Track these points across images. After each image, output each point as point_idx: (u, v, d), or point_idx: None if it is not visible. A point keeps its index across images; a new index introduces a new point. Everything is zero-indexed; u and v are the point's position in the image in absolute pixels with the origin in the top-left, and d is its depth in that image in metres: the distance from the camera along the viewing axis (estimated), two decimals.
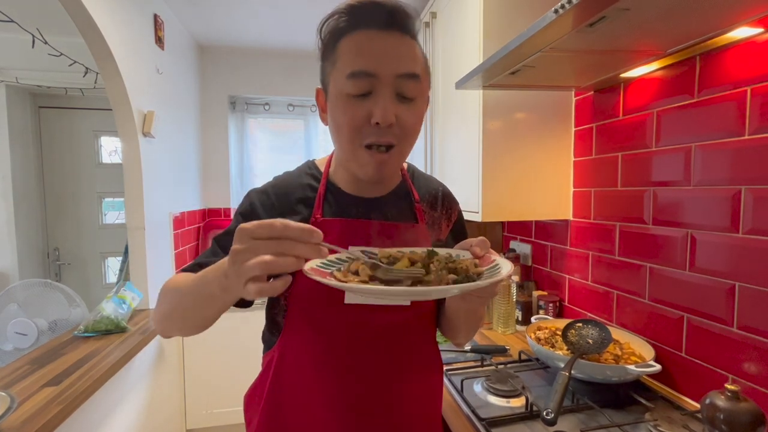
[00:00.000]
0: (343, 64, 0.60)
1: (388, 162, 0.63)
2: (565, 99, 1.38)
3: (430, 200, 0.78)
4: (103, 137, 3.02)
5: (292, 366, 0.68)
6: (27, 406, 1.01)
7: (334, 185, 0.72)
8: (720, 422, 0.73)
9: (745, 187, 0.86)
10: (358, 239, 0.67)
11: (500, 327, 1.49)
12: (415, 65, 0.61)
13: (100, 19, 1.51)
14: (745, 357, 0.87)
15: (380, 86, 0.59)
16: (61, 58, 2.08)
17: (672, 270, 1.04)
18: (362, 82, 0.58)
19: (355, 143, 0.61)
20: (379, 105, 0.58)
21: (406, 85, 0.60)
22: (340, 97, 0.60)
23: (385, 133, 0.60)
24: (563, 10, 0.67)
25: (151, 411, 1.77)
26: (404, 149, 0.65)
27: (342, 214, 0.70)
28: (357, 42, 0.60)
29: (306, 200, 0.71)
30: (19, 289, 1.67)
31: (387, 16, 0.60)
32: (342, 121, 0.61)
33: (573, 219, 1.41)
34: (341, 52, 0.61)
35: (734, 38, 0.85)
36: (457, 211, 0.83)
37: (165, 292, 0.63)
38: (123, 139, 1.78)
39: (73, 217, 2.98)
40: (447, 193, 0.83)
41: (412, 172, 0.81)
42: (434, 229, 0.77)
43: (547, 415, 0.78)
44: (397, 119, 0.60)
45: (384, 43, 0.59)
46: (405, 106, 0.61)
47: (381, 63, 0.58)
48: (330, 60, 0.62)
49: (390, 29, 0.60)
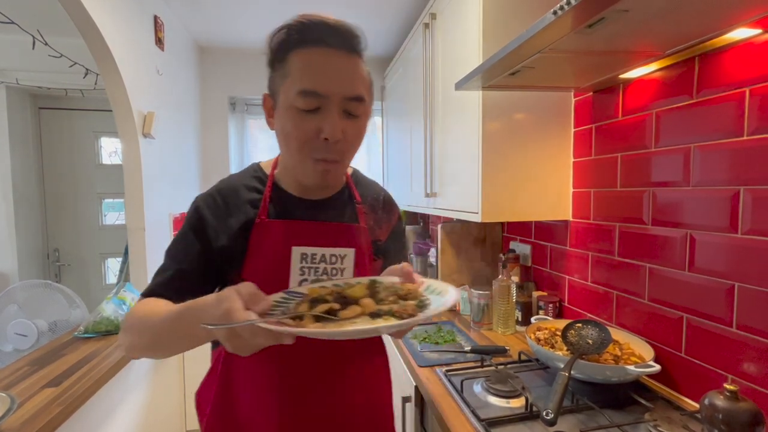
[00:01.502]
0: (294, 80, 0.63)
1: (332, 172, 0.68)
2: (565, 100, 1.39)
3: (372, 203, 0.83)
4: (103, 138, 3.02)
5: (237, 358, 0.69)
6: (27, 407, 1.01)
7: (280, 188, 0.76)
8: (719, 422, 0.73)
9: (744, 187, 0.86)
10: (302, 239, 0.72)
11: (500, 327, 1.49)
12: (361, 87, 0.66)
13: (101, 20, 1.52)
14: (744, 357, 0.87)
15: (329, 105, 0.63)
16: (62, 59, 2.08)
17: (671, 270, 1.04)
18: (312, 100, 0.62)
19: (304, 154, 0.66)
20: (328, 122, 0.63)
21: (353, 105, 0.65)
22: (291, 109, 0.64)
23: (332, 149, 0.65)
24: (562, 12, 0.68)
25: (151, 412, 1.77)
26: (347, 161, 0.70)
27: (287, 215, 0.73)
28: (308, 60, 0.63)
29: (252, 202, 0.74)
30: (19, 290, 1.67)
31: (336, 35, 0.63)
32: (291, 133, 0.65)
33: (572, 219, 1.41)
34: (292, 66, 0.64)
35: (733, 39, 0.85)
36: (398, 214, 0.88)
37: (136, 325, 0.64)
38: (123, 140, 1.78)
39: (73, 218, 2.98)
40: (388, 198, 0.88)
41: (356, 177, 0.85)
42: (375, 230, 0.81)
43: (546, 415, 0.78)
44: (344, 134, 0.65)
45: (333, 65, 0.63)
46: (351, 122, 0.66)
47: (330, 85, 0.62)
48: (280, 72, 0.66)
49: (338, 48, 0.64)
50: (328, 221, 0.75)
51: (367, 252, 0.77)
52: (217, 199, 0.73)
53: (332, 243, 0.73)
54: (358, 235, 0.76)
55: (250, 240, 0.70)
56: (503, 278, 1.49)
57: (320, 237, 0.73)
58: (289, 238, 0.71)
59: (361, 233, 0.77)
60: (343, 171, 0.73)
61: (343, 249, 0.74)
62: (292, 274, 0.70)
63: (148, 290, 0.70)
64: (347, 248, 0.74)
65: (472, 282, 1.85)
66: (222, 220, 0.72)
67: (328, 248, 0.73)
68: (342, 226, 0.76)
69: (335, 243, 0.73)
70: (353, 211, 0.79)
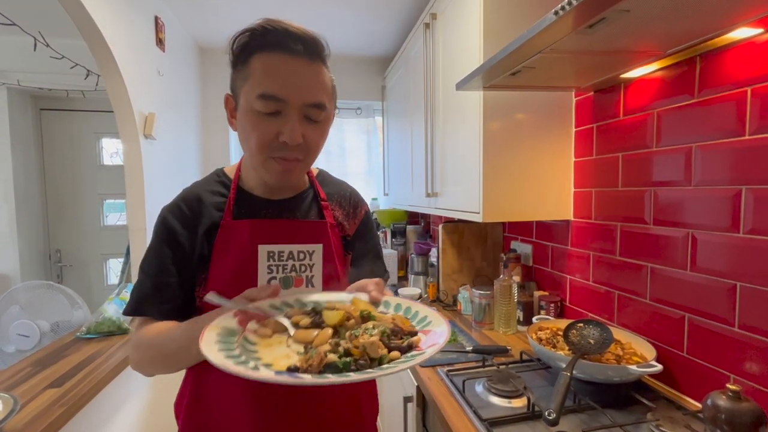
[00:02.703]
0: (254, 83, 0.63)
1: (294, 171, 0.69)
2: (566, 100, 1.39)
3: (338, 200, 0.84)
4: (104, 139, 3.03)
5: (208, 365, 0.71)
6: (30, 408, 1.02)
7: (244, 190, 0.77)
8: (722, 422, 0.73)
9: (746, 187, 0.86)
10: (268, 237, 0.73)
11: (501, 327, 1.49)
12: (321, 94, 0.66)
13: (102, 22, 1.52)
14: (746, 357, 0.87)
15: (289, 110, 0.64)
16: (63, 60, 2.09)
17: (673, 270, 1.04)
18: (272, 104, 0.63)
19: (264, 155, 0.66)
20: (288, 127, 0.64)
21: (313, 111, 0.66)
22: (251, 112, 0.64)
23: (292, 150, 0.66)
24: (563, 12, 0.68)
25: (153, 412, 1.77)
26: (309, 162, 0.71)
27: (253, 215, 0.74)
28: (268, 64, 0.63)
29: (217, 205, 0.74)
30: (21, 291, 1.67)
31: (297, 42, 0.64)
32: (252, 134, 0.65)
33: (574, 219, 1.41)
34: (253, 69, 0.64)
35: (734, 39, 0.85)
36: (365, 210, 0.89)
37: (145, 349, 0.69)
38: (124, 141, 1.79)
39: (74, 219, 2.99)
40: (354, 194, 0.89)
41: (321, 177, 0.87)
42: (341, 225, 0.83)
43: (548, 415, 0.78)
44: (304, 138, 0.65)
45: (294, 71, 0.64)
46: (312, 126, 0.67)
47: (290, 90, 0.63)
48: (242, 74, 0.66)
49: (300, 55, 0.64)
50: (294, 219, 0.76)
51: (335, 247, 0.78)
52: (183, 208, 0.74)
53: (299, 239, 0.74)
54: (326, 230, 0.77)
55: (216, 241, 0.72)
56: (504, 278, 1.49)
57: (287, 234, 0.74)
58: (255, 237, 0.72)
59: (328, 229, 0.78)
60: (305, 170, 0.74)
61: (310, 245, 0.75)
62: (260, 272, 0.72)
63: (131, 309, 0.72)
64: (315, 244, 0.75)
65: (474, 282, 1.85)
66: (189, 227, 0.72)
67: (295, 245, 0.74)
68: (308, 222, 0.77)
69: (302, 239, 0.75)
70: (319, 208, 0.80)
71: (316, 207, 0.80)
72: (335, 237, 0.79)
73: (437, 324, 0.56)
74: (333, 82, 0.71)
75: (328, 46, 0.68)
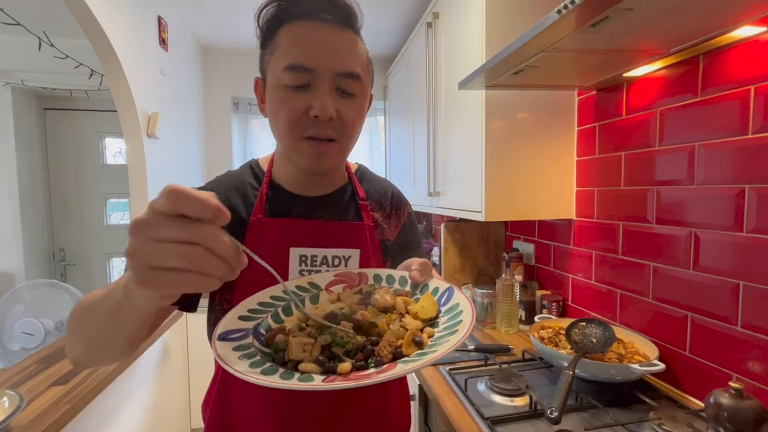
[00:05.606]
0: (281, 55, 0.58)
1: (329, 153, 0.61)
2: (568, 98, 1.38)
3: (378, 199, 0.77)
4: (107, 138, 3.04)
5: None
6: (35, 405, 1.02)
7: (277, 184, 0.70)
8: (724, 420, 0.73)
9: (749, 185, 0.86)
10: (301, 239, 0.66)
11: (503, 326, 1.49)
12: (355, 64, 0.60)
13: (105, 22, 1.53)
14: (749, 355, 0.87)
15: (319, 81, 0.58)
16: (67, 60, 2.10)
17: (676, 269, 1.04)
18: (300, 75, 0.57)
19: (294, 135, 0.60)
20: (318, 99, 0.57)
21: (346, 83, 0.59)
22: (278, 88, 0.59)
23: (325, 126, 0.59)
24: (566, 11, 0.68)
25: (157, 410, 1.78)
26: (344, 144, 0.63)
27: (284, 213, 0.68)
28: (295, 33, 0.58)
29: (248, 199, 0.68)
30: (25, 289, 1.69)
31: (327, 8, 0.58)
32: (280, 112, 0.59)
33: (576, 218, 1.41)
34: (279, 41, 0.59)
35: (737, 37, 0.85)
36: (408, 212, 0.82)
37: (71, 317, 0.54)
38: (128, 140, 1.80)
39: (78, 218, 3.01)
40: (397, 194, 0.81)
41: (361, 173, 0.79)
42: (381, 229, 0.75)
43: (551, 413, 0.78)
44: (338, 113, 0.59)
45: (323, 37, 0.58)
46: (345, 101, 0.60)
47: (319, 58, 0.57)
48: (269, 49, 0.61)
49: (330, 23, 0.58)
50: (329, 219, 0.69)
51: (374, 253, 0.71)
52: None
53: (334, 243, 0.67)
54: (363, 234, 0.70)
55: (244, 240, 0.64)
56: (507, 277, 1.49)
57: (321, 237, 0.67)
58: (286, 238, 0.65)
59: (366, 232, 0.70)
60: (341, 157, 0.65)
61: (346, 250, 0.67)
62: (290, 278, 0.64)
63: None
64: (351, 249, 0.68)
65: (476, 281, 1.85)
66: None
67: (329, 249, 0.66)
68: (345, 224, 0.69)
69: (338, 243, 0.67)
70: (357, 208, 0.72)
71: (354, 206, 0.72)
72: (373, 241, 0.71)
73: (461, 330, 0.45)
74: (368, 54, 0.64)
75: (363, 16, 0.62)
